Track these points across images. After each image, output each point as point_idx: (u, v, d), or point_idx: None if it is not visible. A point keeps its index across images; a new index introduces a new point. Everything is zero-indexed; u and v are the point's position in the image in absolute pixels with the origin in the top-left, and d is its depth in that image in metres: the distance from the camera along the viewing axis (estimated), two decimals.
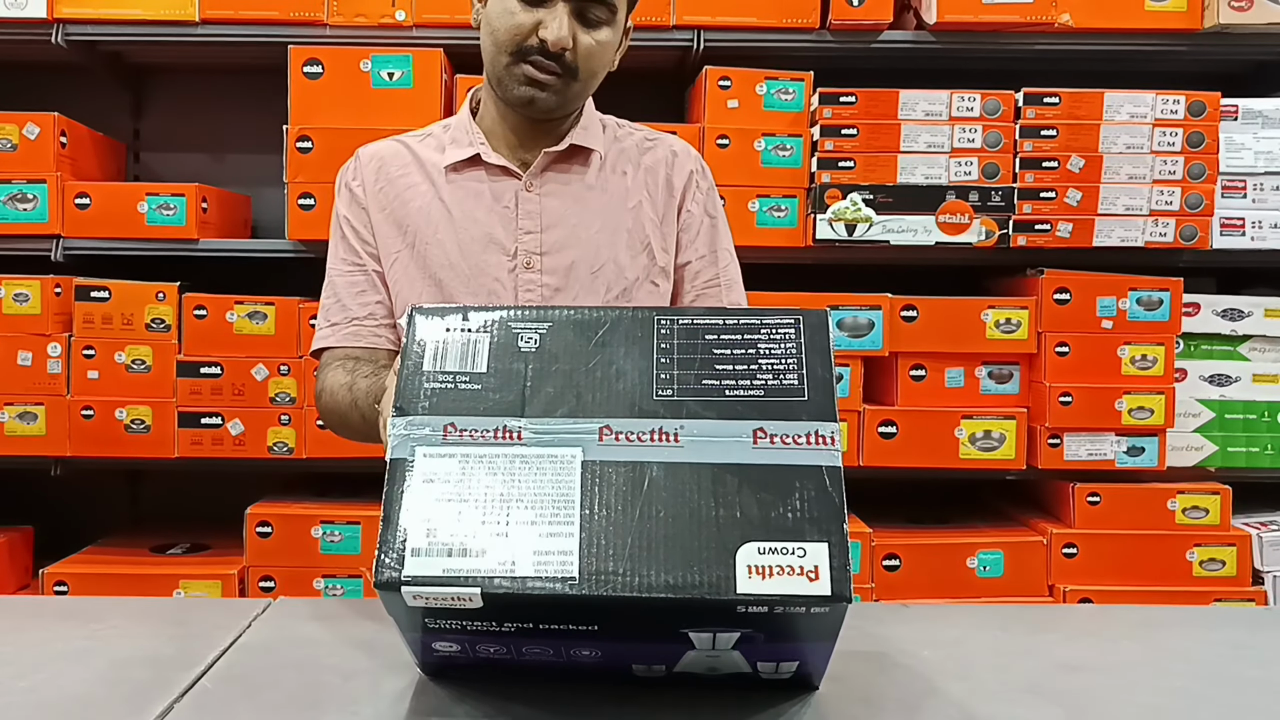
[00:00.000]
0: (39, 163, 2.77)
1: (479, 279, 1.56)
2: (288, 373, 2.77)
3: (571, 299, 1.56)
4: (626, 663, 1.11)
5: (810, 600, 0.95)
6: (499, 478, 1.03)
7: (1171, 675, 1.27)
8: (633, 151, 1.66)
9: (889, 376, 2.86)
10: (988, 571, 2.78)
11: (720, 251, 1.68)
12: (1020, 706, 1.15)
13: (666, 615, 0.97)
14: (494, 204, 1.59)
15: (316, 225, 2.76)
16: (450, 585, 0.97)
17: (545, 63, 1.49)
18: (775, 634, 1.01)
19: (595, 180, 1.61)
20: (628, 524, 0.99)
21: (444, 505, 1.02)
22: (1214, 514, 2.80)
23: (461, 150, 1.60)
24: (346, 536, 2.74)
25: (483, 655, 1.09)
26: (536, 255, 1.57)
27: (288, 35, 2.78)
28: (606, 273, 1.58)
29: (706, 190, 1.69)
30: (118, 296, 2.77)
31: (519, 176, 1.59)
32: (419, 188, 1.61)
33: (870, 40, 2.84)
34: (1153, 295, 2.81)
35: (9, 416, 2.75)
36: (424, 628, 1.04)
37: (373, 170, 1.63)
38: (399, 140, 1.67)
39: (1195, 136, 2.80)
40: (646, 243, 1.61)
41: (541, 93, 1.51)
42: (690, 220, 1.66)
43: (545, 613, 0.99)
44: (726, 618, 0.97)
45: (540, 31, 1.47)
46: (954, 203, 2.79)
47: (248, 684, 1.20)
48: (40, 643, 1.33)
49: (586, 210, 1.60)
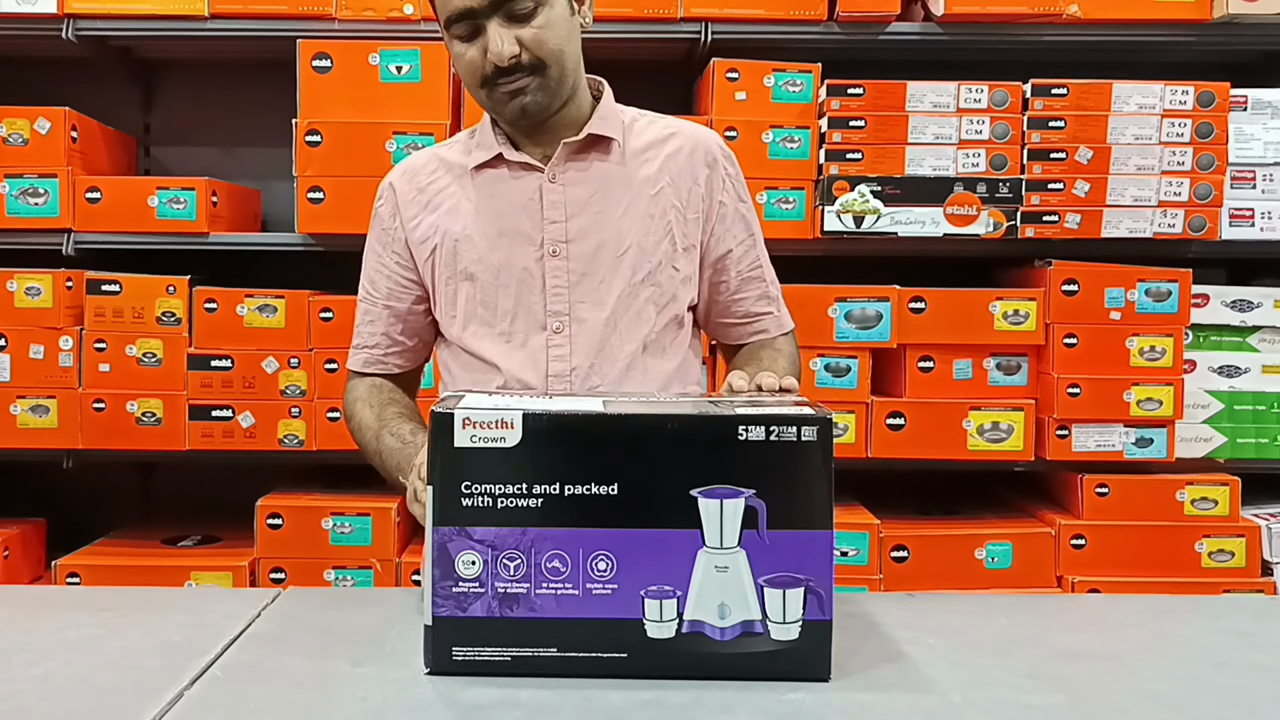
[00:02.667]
0: (50, 157, 2.79)
1: (508, 270, 1.62)
2: (298, 365, 2.78)
3: (598, 283, 1.62)
4: (638, 588, 1.16)
5: (800, 419, 1.15)
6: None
7: (1175, 662, 1.27)
8: (655, 139, 1.69)
9: (897, 368, 2.87)
10: (996, 563, 2.79)
11: (756, 235, 1.76)
12: (1024, 692, 1.16)
13: (679, 448, 1.15)
14: (519, 198, 1.64)
15: (326, 218, 2.77)
16: (496, 411, 1.16)
17: (509, 78, 1.54)
18: (774, 487, 1.15)
19: (616, 167, 1.65)
20: (647, 401, 1.27)
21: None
22: (1223, 505, 2.79)
23: (486, 151, 1.66)
24: (357, 528, 2.75)
25: (500, 588, 1.17)
26: (562, 244, 1.62)
27: (297, 29, 2.79)
28: (631, 256, 1.62)
29: (735, 177, 1.73)
30: (128, 290, 2.78)
31: (542, 169, 1.64)
32: (448, 190, 1.68)
33: (878, 32, 2.84)
34: (1161, 286, 2.81)
35: (21, 409, 2.77)
36: (459, 510, 1.16)
37: (404, 182, 1.71)
38: (431, 151, 1.75)
39: (1204, 127, 2.79)
40: (669, 227, 1.65)
41: (525, 98, 1.56)
42: (725, 210, 1.70)
43: (575, 451, 1.16)
44: (729, 449, 1.14)
45: (488, 57, 1.53)
46: (962, 194, 2.79)
47: (257, 672, 1.22)
48: (52, 631, 1.34)
49: (609, 196, 1.64)
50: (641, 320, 1.63)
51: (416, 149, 2.73)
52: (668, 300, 1.65)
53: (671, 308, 1.66)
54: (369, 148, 2.75)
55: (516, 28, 1.52)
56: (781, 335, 1.79)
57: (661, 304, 1.65)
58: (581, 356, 1.61)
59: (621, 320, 1.62)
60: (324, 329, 2.78)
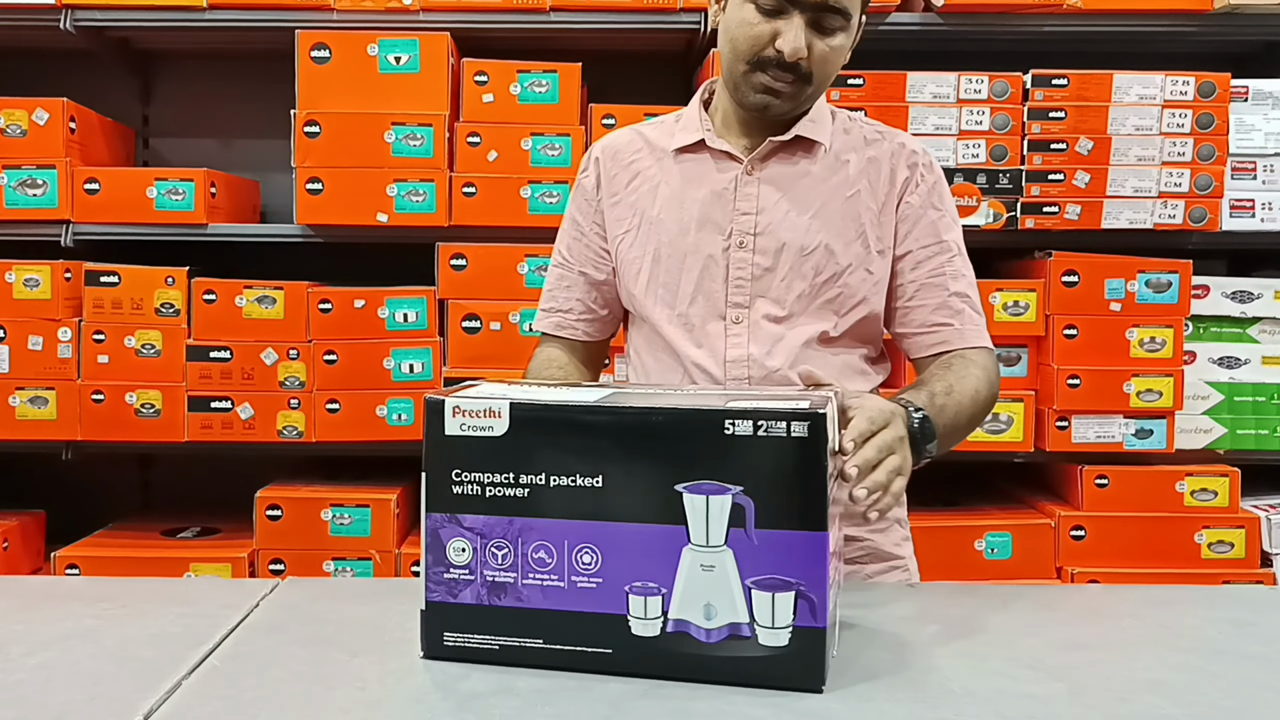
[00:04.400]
0: (48, 148, 2.78)
1: (694, 255, 1.63)
2: (297, 357, 2.78)
3: (779, 279, 1.61)
4: (624, 583, 1.14)
5: (789, 414, 1.09)
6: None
7: (1174, 652, 1.27)
8: (859, 142, 1.67)
9: (897, 359, 2.85)
10: (996, 554, 2.79)
11: (948, 242, 1.66)
12: (1023, 682, 1.16)
13: (665, 441, 1.11)
14: (714, 186, 1.64)
15: (325, 209, 2.76)
16: (484, 400, 1.16)
17: (781, 73, 1.53)
18: (762, 485, 1.09)
19: (816, 169, 1.64)
20: (639, 394, 1.23)
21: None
22: (1223, 496, 2.79)
23: (690, 135, 1.67)
24: (356, 519, 2.75)
25: (488, 576, 1.17)
26: (750, 236, 1.62)
27: (295, 20, 2.79)
28: (816, 256, 1.61)
29: (932, 184, 1.67)
30: (127, 281, 2.78)
31: (741, 161, 1.64)
32: (648, 171, 1.69)
33: (878, 22, 2.83)
34: (1162, 277, 2.80)
35: (20, 401, 2.77)
36: (450, 497, 1.17)
37: (608, 158, 1.73)
38: (634, 129, 1.76)
39: (1205, 118, 2.79)
40: (861, 231, 1.62)
41: (776, 99, 1.56)
42: (909, 211, 1.65)
43: (561, 441, 1.14)
44: (716, 444, 1.10)
45: (777, 42, 1.51)
46: (962, 185, 2.78)
47: (255, 662, 1.21)
48: (50, 621, 1.34)
49: (803, 196, 1.63)
50: (820, 319, 1.61)
51: (415, 140, 2.75)
52: (857, 302, 1.62)
53: (861, 308, 1.63)
54: (368, 139, 2.75)
55: (814, 34, 1.51)
56: (970, 348, 1.66)
57: (848, 305, 1.62)
58: (757, 346, 1.61)
59: (800, 319, 1.61)
60: (323, 320, 2.78)
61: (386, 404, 2.79)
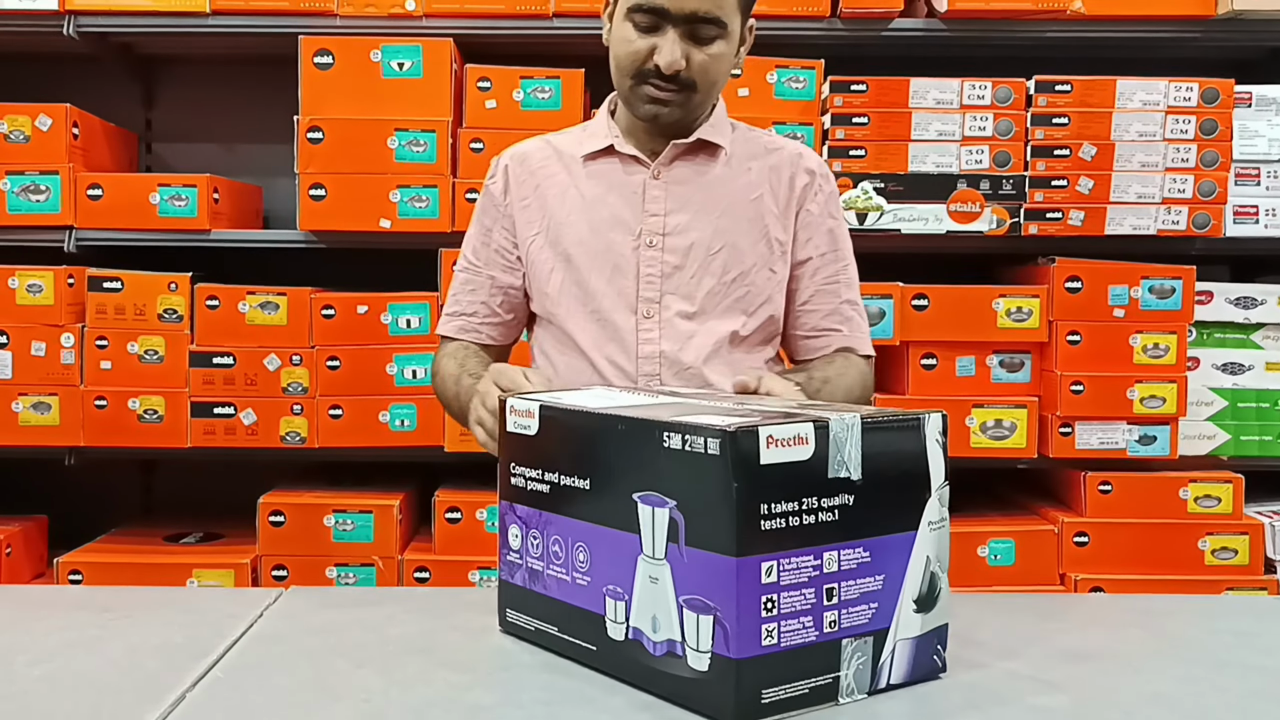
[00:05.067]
0: (51, 154, 2.78)
1: (605, 255, 1.70)
2: (300, 363, 2.78)
3: (689, 277, 1.69)
4: (603, 584, 1.17)
5: (707, 430, 1.04)
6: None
7: (1177, 663, 1.27)
8: (759, 150, 1.77)
9: (900, 365, 2.86)
10: (999, 560, 2.78)
11: (843, 251, 1.79)
12: (1027, 694, 1.15)
13: (626, 449, 1.13)
14: (624, 189, 1.72)
15: (327, 215, 2.76)
16: (526, 400, 1.27)
17: (663, 84, 1.61)
18: (688, 501, 1.06)
19: (720, 172, 1.73)
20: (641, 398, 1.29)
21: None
22: (1226, 503, 2.79)
23: (598, 142, 1.75)
24: (359, 525, 2.75)
25: (529, 563, 1.27)
26: (659, 236, 1.70)
27: (298, 26, 2.79)
28: (724, 255, 1.70)
29: (829, 194, 1.78)
30: (130, 287, 2.78)
31: (648, 165, 1.72)
32: (557, 176, 1.76)
33: (881, 28, 2.83)
34: (1165, 283, 2.80)
35: (23, 407, 2.77)
36: (509, 487, 1.29)
37: (516, 164, 1.79)
38: (543, 139, 1.83)
39: (1208, 124, 2.78)
40: (765, 233, 1.72)
41: (664, 109, 1.64)
42: (809, 219, 1.76)
43: (565, 444, 1.22)
44: (657, 455, 1.09)
45: (655, 56, 1.59)
46: (965, 191, 2.78)
47: (260, 672, 1.21)
48: (54, 631, 1.34)
49: (709, 198, 1.72)
50: (730, 317, 1.70)
51: (418, 145, 2.75)
52: (762, 301, 1.72)
53: (767, 308, 1.73)
54: (371, 144, 2.75)
55: (691, 45, 1.60)
56: (854, 352, 1.79)
57: (755, 305, 1.71)
58: (669, 343, 1.67)
59: (709, 315, 1.69)
60: (326, 326, 2.78)
61: (389, 409, 2.79)
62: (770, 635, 1.05)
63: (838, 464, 1.08)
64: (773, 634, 1.05)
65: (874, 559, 1.11)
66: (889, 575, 1.12)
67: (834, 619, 1.08)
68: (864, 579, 1.10)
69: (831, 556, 1.08)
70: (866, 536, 1.10)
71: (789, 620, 1.06)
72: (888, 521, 1.12)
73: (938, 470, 1.16)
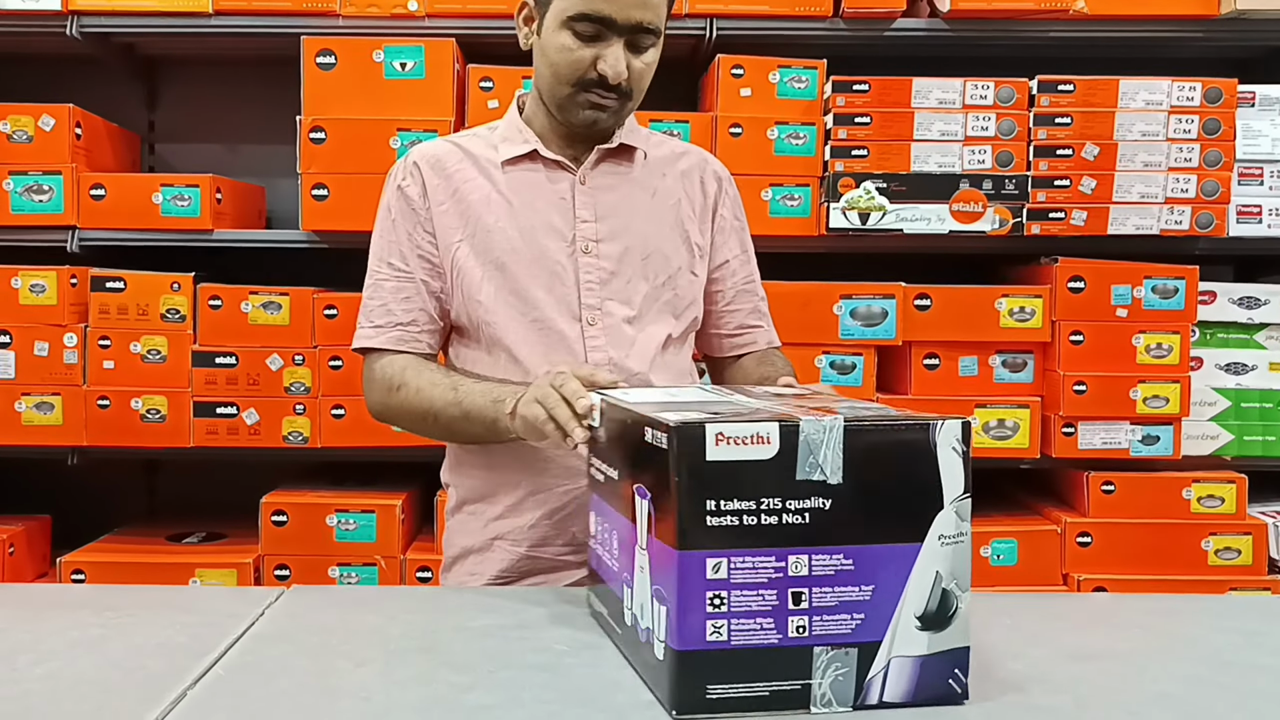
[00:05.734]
0: (54, 154, 2.79)
1: (542, 262, 1.67)
2: (302, 362, 2.78)
3: (625, 282, 1.69)
4: (621, 572, 1.24)
5: (662, 425, 1.07)
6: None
7: (1181, 662, 1.27)
8: (670, 155, 1.80)
9: (903, 365, 2.86)
10: (1001, 560, 2.78)
11: (750, 252, 1.87)
12: (1030, 694, 1.15)
13: (629, 443, 1.19)
14: (551, 194, 1.70)
15: (330, 216, 2.77)
16: (601, 396, 1.33)
17: (605, 93, 1.61)
18: (654, 493, 1.11)
19: (641, 176, 1.75)
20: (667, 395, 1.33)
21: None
22: (1229, 503, 2.79)
23: (517, 146, 1.72)
24: (361, 525, 2.75)
25: (599, 540, 1.36)
26: (593, 242, 1.69)
27: (301, 26, 2.79)
28: (655, 260, 1.72)
29: (735, 198, 1.85)
30: (133, 287, 2.78)
31: (573, 170, 1.71)
32: (475, 181, 1.71)
33: (883, 28, 2.83)
34: (1168, 283, 2.80)
35: (26, 406, 2.77)
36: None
37: (428, 166, 1.71)
38: (448, 140, 1.77)
39: (1211, 123, 2.78)
40: (686, 236, 1.75)
41: (603, 114, 1.64)
42: (724, 224, 1.82)
43: (609, 435, 1.29)
44: (640, 450, 1.14)
45: (599, 66, 1.59)
46: (968, 191, 2.78)
47: (261, 672, 1.21)
48: (56, 630, 1.34)
49: (635, 203, 1.73)
50: (662, 321, 1.72)
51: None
52: (688, 304, 1.75)
53: (691, 310, 1.76)
54: (373, 145, 2.75)
55: (631, 55, 1.61)
56: (772, 348, 1.88)
57: (681, 307, 1.74)
58: (616, 350, 1.67)
59: (646, 320, 1.70)
60: (328, 326, 2.78)
61: None
62: (718, 632, 1.05)
63: (809, 466, 1.06)
64: (721, 630, 1.05)
65: (859, 568, 1.07)
66: (880, 587, 1.07)
67: (802, 624, 1.06)
68: (845, 587, 1.06)
69: (800, 560, 1.06)
70: (848, 543, 1.07)
71: (743, 619, 1.05)
72: (881, 530, 1.07)
73: (954, 481, 1.09)
